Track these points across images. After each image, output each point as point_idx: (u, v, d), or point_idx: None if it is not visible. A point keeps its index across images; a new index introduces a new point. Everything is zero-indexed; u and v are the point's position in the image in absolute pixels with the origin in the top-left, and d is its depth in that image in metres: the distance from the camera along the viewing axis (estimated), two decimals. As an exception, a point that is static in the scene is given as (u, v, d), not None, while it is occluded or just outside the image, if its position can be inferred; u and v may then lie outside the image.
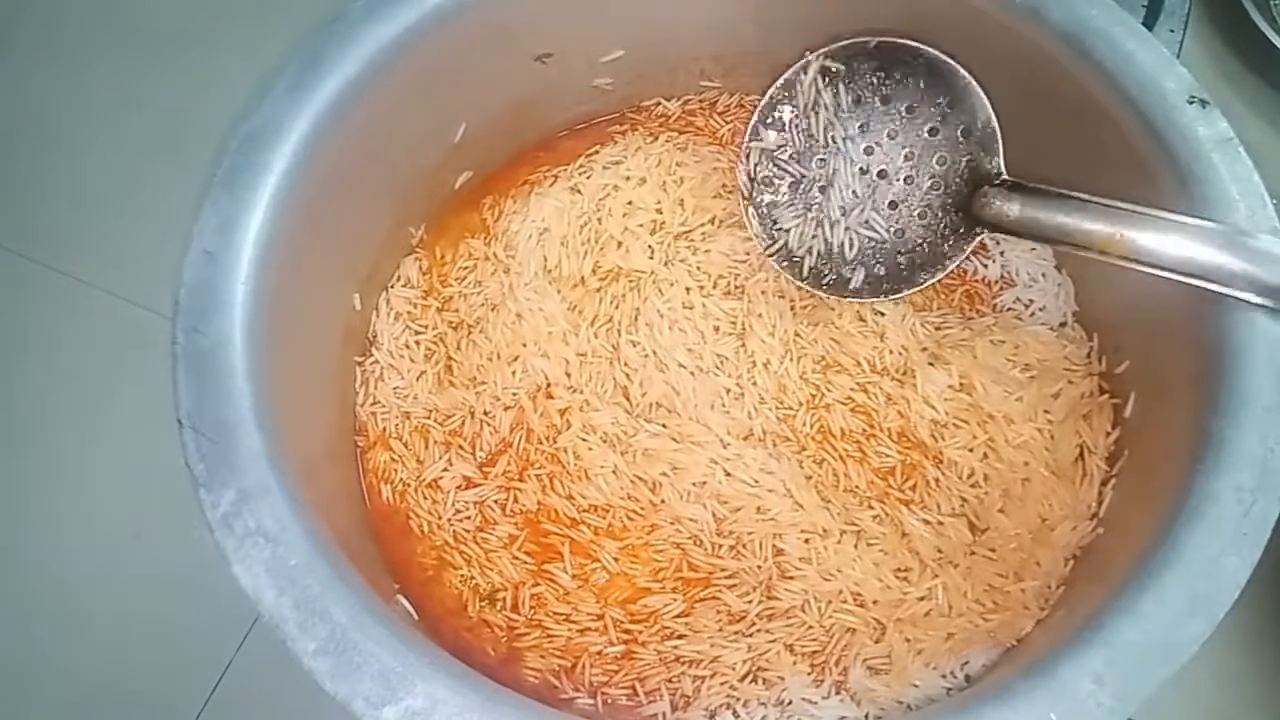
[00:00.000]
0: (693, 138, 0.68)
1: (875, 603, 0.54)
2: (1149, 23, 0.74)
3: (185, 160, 0.73)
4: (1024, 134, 0.60)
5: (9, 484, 0.71)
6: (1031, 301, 0.62)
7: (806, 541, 0.55)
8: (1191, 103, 0.49)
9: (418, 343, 0.62)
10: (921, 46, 0.56)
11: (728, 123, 0.69)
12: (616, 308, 0.61)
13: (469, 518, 0.58)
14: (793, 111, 0.59)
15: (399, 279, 0.64)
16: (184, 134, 0.80)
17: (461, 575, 0.57)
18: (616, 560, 0.56)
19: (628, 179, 0.65)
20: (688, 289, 0.61)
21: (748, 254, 0.62)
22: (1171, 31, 0.74)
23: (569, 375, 0.60)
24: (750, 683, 0.53)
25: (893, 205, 0.58)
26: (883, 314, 0.60)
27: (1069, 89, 0.54)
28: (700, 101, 0.70)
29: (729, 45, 0.65)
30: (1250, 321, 0.46)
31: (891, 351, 0.59)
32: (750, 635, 0.54)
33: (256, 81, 0.53)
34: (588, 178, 0.65)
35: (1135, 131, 0.51)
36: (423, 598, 0.57)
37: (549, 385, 0.60)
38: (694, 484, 0.57)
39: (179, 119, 0.81)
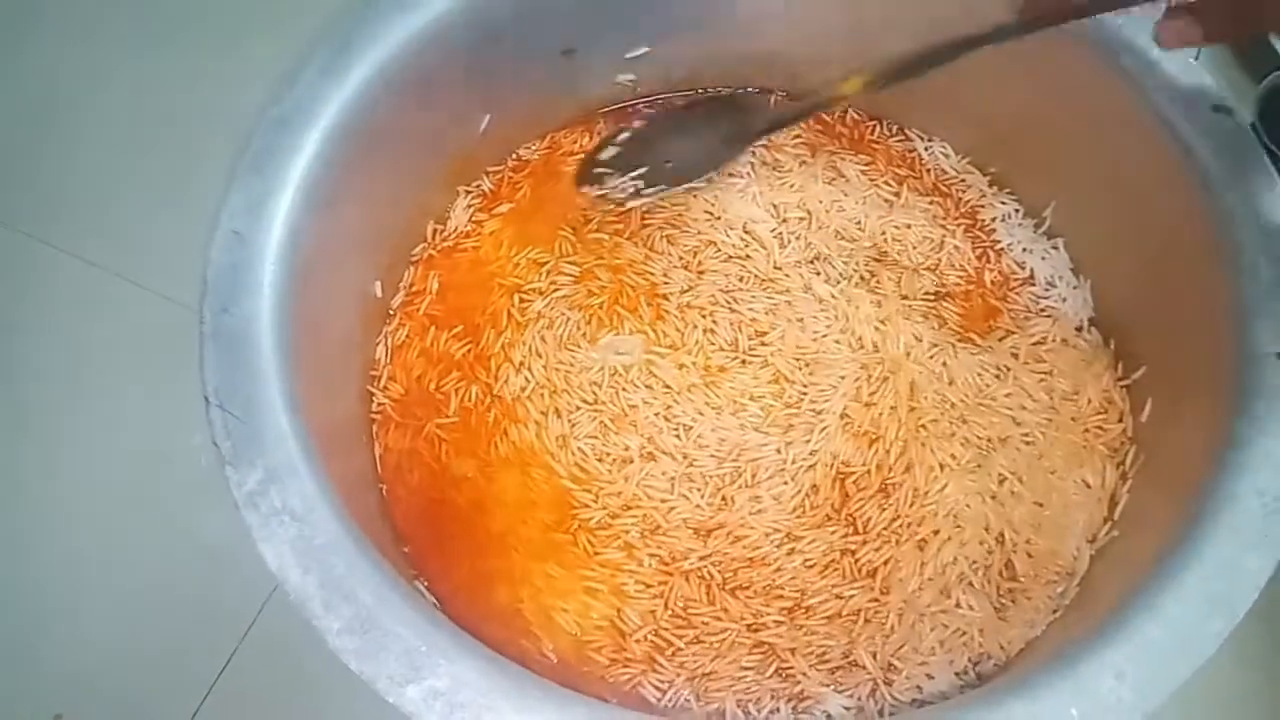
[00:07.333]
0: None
1: (890, 600, 0.54)
2: (1164, 36, 0.74)
3: (200, 146, 0.73)
4: (1043, 141, 0.61)
5: (13, 469, 0.71)
6: (1048, 305, 0.62)
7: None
8: (1217, 110, 0.50)
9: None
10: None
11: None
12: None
13: (474, 511, 0.58)
14: None
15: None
16: (197, 120, 0.80)
17: (465, 567, 0.57)
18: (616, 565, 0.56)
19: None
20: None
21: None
22: (1186, 45, 0.74)
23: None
24: (764, 679, 0.53)
25: None
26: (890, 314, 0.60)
27: (1092, 96, 0.54)
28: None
29: (755, 44, 0.66)
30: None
31: (903, 353, 0.59)
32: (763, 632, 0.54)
33: (284, 67, 0.53)
34: (606, 171, 0.66)
35: (1159, 138, 0.51)
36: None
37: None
38: (686, 515, 0.56)
39: (193, 106, 0.81)
